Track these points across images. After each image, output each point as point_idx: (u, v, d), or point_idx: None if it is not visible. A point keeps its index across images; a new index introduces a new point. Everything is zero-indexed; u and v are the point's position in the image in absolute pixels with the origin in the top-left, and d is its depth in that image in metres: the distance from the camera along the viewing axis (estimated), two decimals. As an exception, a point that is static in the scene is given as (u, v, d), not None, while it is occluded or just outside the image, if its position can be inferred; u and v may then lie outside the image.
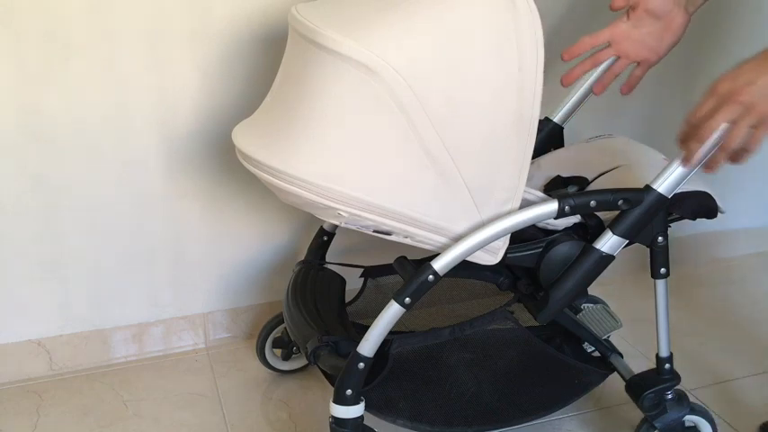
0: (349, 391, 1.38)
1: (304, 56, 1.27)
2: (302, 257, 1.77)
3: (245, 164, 1.35)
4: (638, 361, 1.66)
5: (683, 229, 1.50)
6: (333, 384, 1.41)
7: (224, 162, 1.84)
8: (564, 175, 1.59)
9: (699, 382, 1.90)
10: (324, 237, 1.75)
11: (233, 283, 1.99)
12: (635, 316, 1.90)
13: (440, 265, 1.32)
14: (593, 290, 1.59)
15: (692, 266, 2.49)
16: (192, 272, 1.94)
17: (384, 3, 1.29)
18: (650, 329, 1.54)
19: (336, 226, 1.69)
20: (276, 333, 1.85)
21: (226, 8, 1.74)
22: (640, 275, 1.96)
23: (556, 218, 1.35)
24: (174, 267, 1.93)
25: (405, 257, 1.48)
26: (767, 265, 2.56)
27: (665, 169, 1.36)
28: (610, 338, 1.72)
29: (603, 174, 1.56)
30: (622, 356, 1.63)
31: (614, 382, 1.62)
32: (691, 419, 1.58)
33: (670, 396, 1.53)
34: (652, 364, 1.56)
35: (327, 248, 1.75)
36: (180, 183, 1.84)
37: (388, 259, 1.52)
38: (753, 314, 2.29)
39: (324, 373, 1.53)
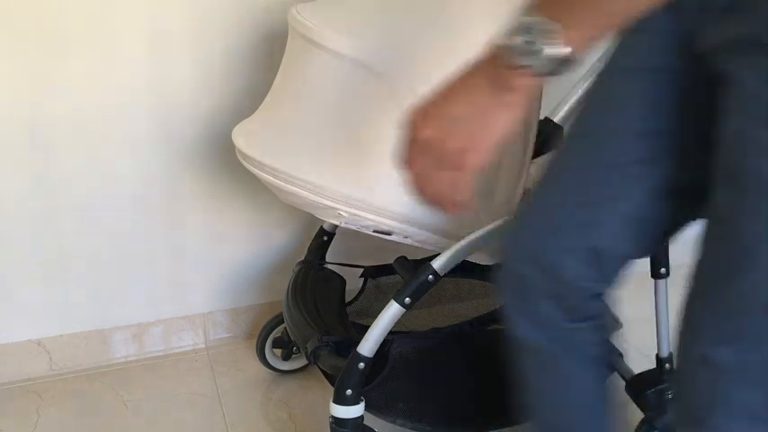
0: (349, 391, 1.38)
1: (304, 55, 1.27)
2: (302, 257, 1.77)
3: (245, 164, 1.35)
4: (637, 361, 1.66)
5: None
6: (333, 384, 1.41)
7: (224, 162, 1.83)
8: (564, 175, 1.59)
9: (699, 382, 1.90)
10: (324, 237, 1.75)
11: (233, 283, 1.99)
12: (634, 316, 1.89)
13: (440, 265, 1.33)
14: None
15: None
16: (192, 272, 1.94)
17: (384, 3, 1.29)
18: (650, 329, 1.54)
19: (336, 226, 1.69)
20: (276, 333, 1.85)
21: (226, 8, 1.74)
22: (640, 276, 1.97)
23: (556, 218, 1.35)
24: (173, 267, 1.93)
25: (405, 257, 1.48)
26: (767, 265, 2.55)
27: (665, 169, 1.36)
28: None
29: (603, 174, 1.56)
30: (623, 356, 1.63)
31: (614, 382, 1.62)
32: (691, 419, 1.58)
33: (671, 396, 1.53)
34: (652, 364, 1.56)
35: (327, 248, 1.75)
36: (180, 183, 1.84)
37: (388, 259, 1.52)
38: (752, 314, 2.29)
39: (324, 373, 1.53)
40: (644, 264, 1.48)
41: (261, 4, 1.74)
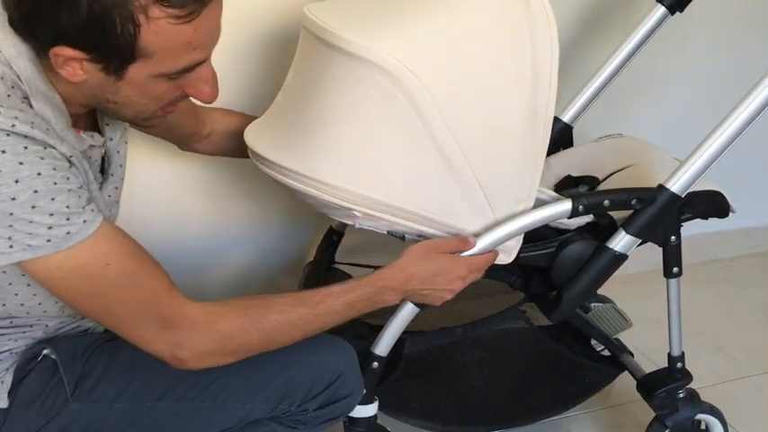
0: (363, 390, 1.37)
1: (317, 56, 1.27)
2: (311, 258, 1.76)
3: (258, 164, 1.34)
4: (638, 360, 1.66)
5: (683, 230, 1.51)
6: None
7: (231, 162, 1.82)
8: (574, 174, 1.59)
9: (700, 382, 1.89)
10: (333, 237, 1.74)
11: (242, 284, 1.98)
12: (635, 316, 1.90)
13: (453, 265, 1.32)
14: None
15: (693, 266, 2.50)
16: (200, 273, 1.93)
17: (397, 3, 1.29)
18: (650, 329, 1.55)
19: (345, 226, 1.69)
20: (285, 333, 1.84)
21: (233, 8, 1.72)
22: (641, 275, 1.98)
23: (569, 217, 1.35)
24: (180, 269, 1.90)
25: (417, 257, 1.47)
26: (767, 265, 2.58)
27: (678, 168, 1.36)
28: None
29: (614, 173, 1.57)
30: (633, 356, 1.63)
31: (623, 381, 1.63)
32: (702, 419, 1.59)
33: (682, 395, 1.54)
34: (653, 365, 1.57)
35: (337, 248, 1.75)
36: (186, 183, 1.83)
37: (400, 259, 1.52)
38: (752, 314, 2.31)
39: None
40: (640, 264, 1.48)
41: (268, 3, 1.74)
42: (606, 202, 1.35)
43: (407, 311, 1.34)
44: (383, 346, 1.37)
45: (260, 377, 1.23)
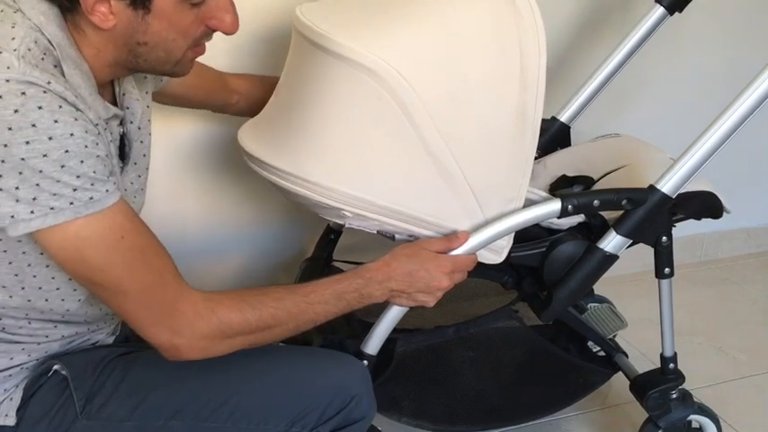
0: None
1: (308, 58, 1.27)
2: (309, 256, 1.76)
3: (250, 164, 1.35)
4: (637, 361, 1.66)
5: (683, 229, 1.50)
6: (337, 382, 1.41)
7: (228, 160, 1.83)
8: (569, 174, 1.59)
9: (700, 382, 1.90)
10: (331, 235, 1.75)
11: (239, 282, 1.99)
12: (634, 316, 1.90)
13: (444, 264, 1.32)
14: (597, 289, 1.59)
15: (692, 266, 2.50)
16: (197, 270, 1.92)
17: (387, 5, 1.29)
18: (648, 329, 1.55)
19: (343, 224, 1.69)
20: (282, 331, 1.84)
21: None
22: (639, 275, 1.97)
23: (559, 217, 1.35)
24: (178, 268, 1.91)
25: (410, 256, 1.48)
26: (767, 265, 2.57)
27: (669, 169, 1.36)
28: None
29: (609, 173, 1.56)
30: (627, 356, 1.63)
31: (618, 381, 1.63)
32: (695, 419, 1.58)
33: (674, 395, 1.53)
34: (651, 365, 1.56)
35: (335, 246, 1.75)
36: (182, 182, 1.84)
37: (395, 257, 1.52)
38: (752, 314, 2.30)
39: (328, 370, 1.52)
40: (644, 263, 1.48)
41: (262, 4, 1.74)
42: (596, 203, 1.35)
43: (396, 309, 1.34)
44: (373, 345, 1.37)
45: (273, 399, 1.23)
